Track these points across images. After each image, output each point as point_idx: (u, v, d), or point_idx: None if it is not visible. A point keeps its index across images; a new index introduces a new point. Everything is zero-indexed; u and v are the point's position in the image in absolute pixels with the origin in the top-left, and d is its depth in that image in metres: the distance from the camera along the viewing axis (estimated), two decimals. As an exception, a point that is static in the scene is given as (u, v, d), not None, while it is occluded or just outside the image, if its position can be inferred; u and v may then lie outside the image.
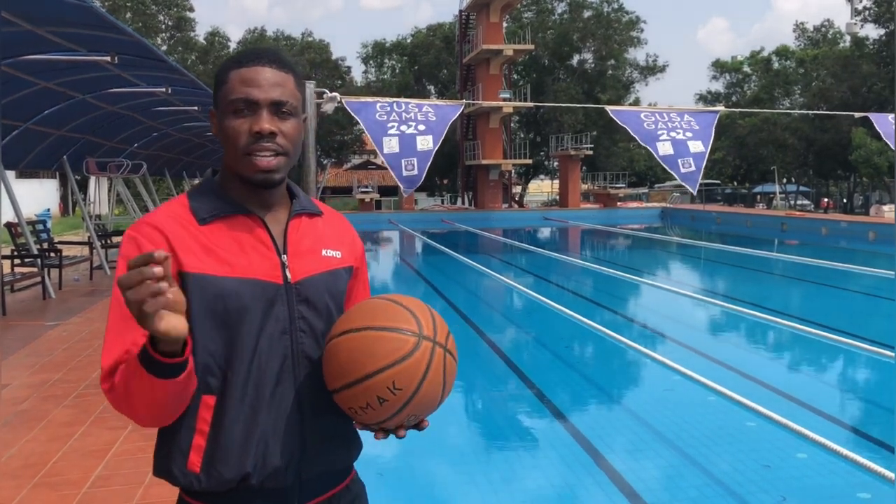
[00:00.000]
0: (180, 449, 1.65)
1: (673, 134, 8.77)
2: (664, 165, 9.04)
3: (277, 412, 1.67)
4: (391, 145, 7.87)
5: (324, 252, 1.77)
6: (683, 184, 9.17)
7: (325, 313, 1.73)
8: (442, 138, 8.14)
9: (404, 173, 7.93)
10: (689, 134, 8.80)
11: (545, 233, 32.84)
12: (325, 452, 1.74)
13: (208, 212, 1.68)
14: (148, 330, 1.39)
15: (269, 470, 1.66)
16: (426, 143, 7.95)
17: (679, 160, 8.82)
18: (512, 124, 48.17)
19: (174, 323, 1.39)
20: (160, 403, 1.55)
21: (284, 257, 1.70)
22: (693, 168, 8.82)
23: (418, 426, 1.69)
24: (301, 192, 1.84)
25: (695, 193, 9.50)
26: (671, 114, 9.12)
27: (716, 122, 9.36)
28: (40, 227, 14.32)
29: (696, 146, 8.83)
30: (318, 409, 1.72)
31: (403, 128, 7.87)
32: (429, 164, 8.11)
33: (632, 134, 9.14)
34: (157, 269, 1.33)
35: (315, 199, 1.89)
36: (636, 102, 51.72)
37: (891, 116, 9.81)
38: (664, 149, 8.80)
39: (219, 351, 1.64)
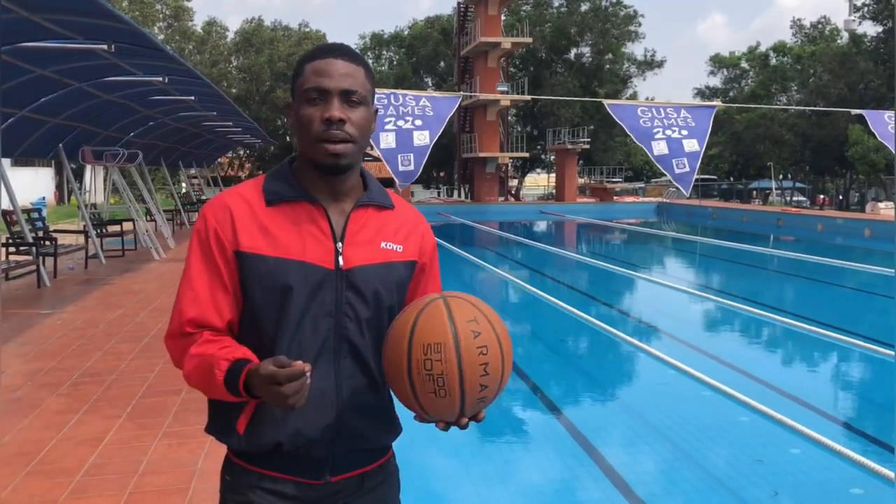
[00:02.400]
0: (236, 410, 1.78)
1: (668, 132, 8.75)
2: (658, 166, 9.05)
3: (315, 389, 1.73)
4: (388, 140, 7.87)
5: (382, 244, 1.84)
6: (676, 184, 9.18)
7: (372, 302, 1.80)
8: (439, 134, 8.13)
9: (400, 168, 7.94)
10: (684, 132, 8.78)
11: (541, 226, 32.88)
12: (359, 430, 1.82)
13: (276, 195, 1.80)
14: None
15: (302, 441, 1.76)
16: (423, 139, 7.94)
17: (674, 160, 8.83)
18: (509, 117, 48.14)
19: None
20: (212, 394, 1.75)
21: (339, 245, 1.79)
22: (687, 168, 8.84)
23: (475, 417, 1.76)
24: (376, 184, 1.92)
25: (687, 194, 9.52)
26: (668, 109, 9.11)
27: (712, 117, 9.36)
28: (35, 215, 14.27)
29: (690, 145, 8.83)
30: (356, 390, 1.80)
31: (401, 123, 7.85)
32: (425, 159, 8.12)
33: (627, 132, 9.14)
34: (308, 374, 1.56)
35: (392, 193, 1.95)
36: (633, 97, 51.73)
37: (889, 114, 9.82)
38: (659, 148, 8.81)
39: (267, 325, 1.77)
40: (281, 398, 1.54)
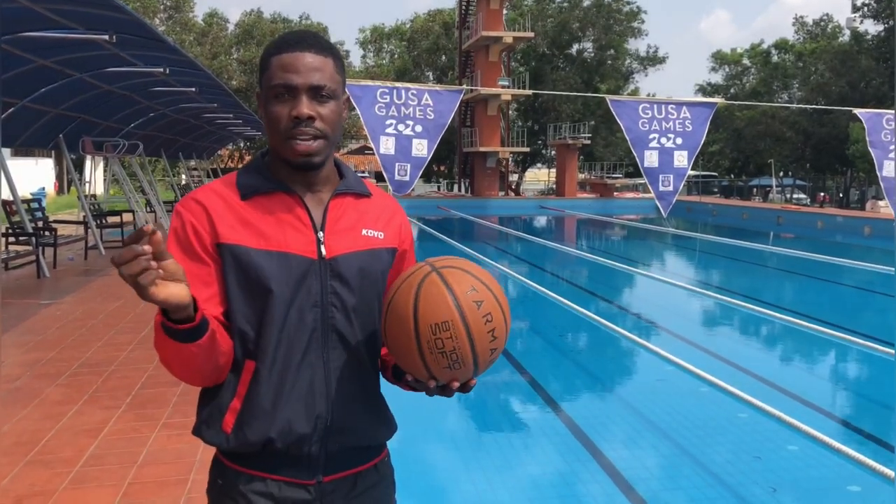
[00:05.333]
0: (220, 409, 1.76)
1: (663, 140, 8.82)
2: (645, 178, 9.15)
3: (304, 382, 1.73)
4: (387, 146, 7.93)
5: (363, 231, 1.81)
6: (657, 203, 9.26)
7: (358, 290, 1.78)
8: (437, 143, 8.21)
9: (396, 177, 8.01)
10: (678, 140, 8.85)
11: (541, 221, 32.86)
12: (350, 425, 1.79)
13: (251, 188, 1.76)
14: (147, 301, 1.46)
15: (293, 437, 1.73)
16: (421, 149, 8.02)
17: (660, 176, 8.95)
18: (510, 112, 48.09)
19: (172, 291, 1.47)
20: (191, 365, 1.65)
21: (321, 234, 1.76)
22: (671, 188, 8.94)
23: (464, 386, 1.69)
24: (351, 173, 1.89)
25: (665, 215, 9.54)
26: (669, 106, 9.12)
27: (711, 116, 9.39)
28: (35, 205, 14.27)
29: (680, 159, 8.89)
30: (346, 381, 1.78)
31: (401, 127, 7.90)
32: (421, 171, 8.20)
33: (624, 133, 9.21)
34: (146, 248, 1.41)
35: (368, 182, 1.94)
36: (635, 93, 51.69)
37: (888, 116, 9.83)
38: (650, 160, 8.90)
39: (252, 319, 1.73)
40: (129, 269, 1.39)
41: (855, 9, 40.60)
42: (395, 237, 1.88)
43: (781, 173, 52.09)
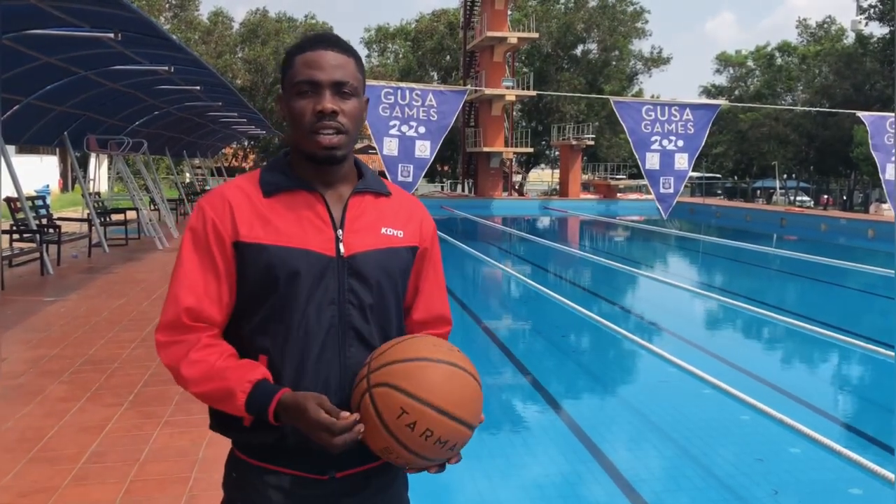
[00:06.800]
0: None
1: (665, 143, 8.86)
2: (646, 180, 9.18)
3: (320, 378, 1.75)
4: (391, 147, 7.99)
5: (383, 230, 1.83)
6: (657, 205, 9.28)
7: (376, 288, 1.79)
8: (439, 145, 8.24)
9: (399, 178, 8.07)
10: (680, 142, 8.88)
11: (544, 222, 32.85)
12: None
13: (273, 185, 1.79)
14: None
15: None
16: (424, 151, 8.07)
17: (661, 178, 9.00)
18: (514, 113, 48.07)
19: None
20: (221, 407, 1.76)
21: (340, 232, 1.78)
22: (671, 190, 8.98)
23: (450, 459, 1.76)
24: (370, 171, 1.91)
25: (665, 217, 9.57)
26: (672, 108, 9.13)
27: (714, 118, 9.41)
28: (39, 202, 14.29)
29: (681, 161, 8.93)
30: None
31: (404, 128, 7.95)
32: (424, 171, 8.23)
33: (627, 135, 9.25)
34: (360, 427, 1.62)
35: (386, 181, 1.96)
36: (639, 94, 51.68)
37: (891, 119, 9.83)
38: (651, 161, 8.95)
39: (269, 315, 1.75)
40: (330, 446, 1.59)
41: (860, 10, 40.55)
42: (416, 235, 1.89)
43: (785, 175, 52.06)
